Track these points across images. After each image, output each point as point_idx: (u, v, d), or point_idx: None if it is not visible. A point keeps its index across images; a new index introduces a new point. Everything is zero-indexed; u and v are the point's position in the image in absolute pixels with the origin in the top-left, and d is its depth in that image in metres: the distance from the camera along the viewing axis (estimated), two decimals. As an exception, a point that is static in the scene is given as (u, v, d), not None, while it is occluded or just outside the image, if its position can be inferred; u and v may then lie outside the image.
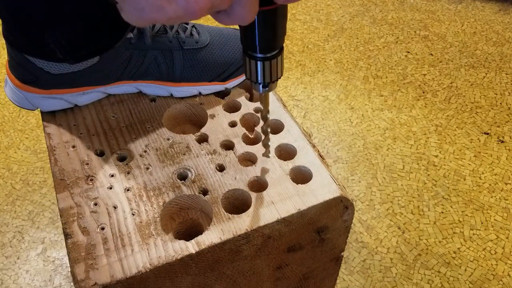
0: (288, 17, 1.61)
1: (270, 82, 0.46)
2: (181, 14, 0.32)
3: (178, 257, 0.49)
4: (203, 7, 0.32)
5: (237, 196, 0.57)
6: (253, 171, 0.58)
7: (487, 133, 1.26)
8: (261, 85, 0.47)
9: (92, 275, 0.47)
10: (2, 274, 0.96)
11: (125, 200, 0.54)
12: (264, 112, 0.53)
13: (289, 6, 1.72)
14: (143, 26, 0.32)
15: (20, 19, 0.55)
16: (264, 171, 0.58)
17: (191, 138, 0.62)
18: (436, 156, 1.20)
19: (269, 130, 0.55)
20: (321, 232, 0.59)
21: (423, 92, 1.39)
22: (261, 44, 0.43)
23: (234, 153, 0.60)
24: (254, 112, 0.66)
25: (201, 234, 0.51)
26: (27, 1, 0.53)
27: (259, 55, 0.44)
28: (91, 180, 0.57)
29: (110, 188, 0.56)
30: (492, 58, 1.52)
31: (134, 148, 0.61)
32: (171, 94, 0.68)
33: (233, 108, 0.68)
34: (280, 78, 0.47)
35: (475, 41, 1.59)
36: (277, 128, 0.64)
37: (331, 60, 1.52)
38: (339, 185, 0.57)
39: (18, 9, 0.54)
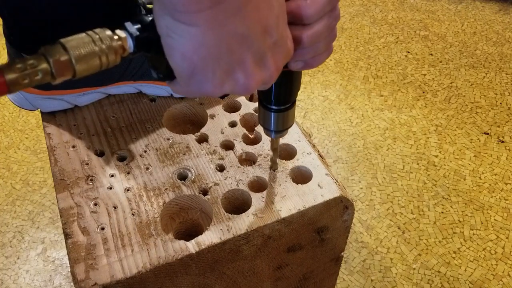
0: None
1: (282, 130, 0.50)
2: (237, 90, 0.35)
3: (178, 257, 0.49)
4: (258, 85, 0.35)
5: (237, 196, 0.57)
6: (253, 171, 0.58)
7: (487, 133, 1.26)
8: (273, 132, 0.50)
9: (92, 275, 0.47)
10: (2, 274, 0.96)
11: (125, 200, 0.54)
12: (274, 156, 0.57)
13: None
14: (189, 96, 0.36)
15: (21, 19, 0.55)
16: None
17: (191, 138, 0.62)
18: (436, 156, 1.20)
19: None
20: (321, 232, 0.59)
21: (423, 92, 1.39)
22: (276, 99, 0.46)
23: (234, 153, 0.61)
24: (254, 112, 0.66)
25: (201, 234, 0.51)
26: (29, 1, 0.53)
27: (274, 107, 0.47)
28: (91, 180, 0.57)
29: (110, 188, 0.56)
30: (492, 58, 1.52)
31: (134, 148, 0.61)
32: (171, 94, 0.68)
33: (233, 108, 0.68)
34: (291, 126, 0.51)
35: (475, 41, 1.59)
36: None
37: (331, 60, 1.52)
38: (339, 185, 0.57)
39: (20, 10, 0.54)
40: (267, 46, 0.33)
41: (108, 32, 0.32)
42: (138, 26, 0.33)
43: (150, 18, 0.33)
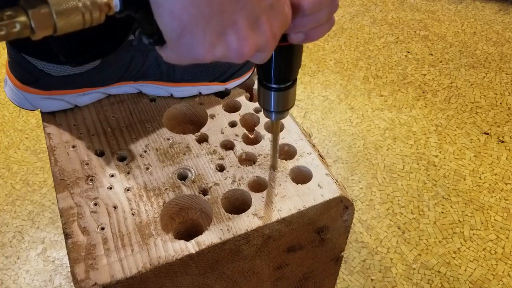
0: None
1: (283, 111, 0.48)
2: (229, 55, 0.33)
3: (178, 257, 0.49)
4: (251, 50, 0.33)
5: (237, 196, 0.57)
6: (253, 171, 0.58)
7: (487, 133, 1.26)
8: (273, 113, 0.49)
9: (92, 275, 0.47)
10: (2, 274, 0.96)
11: (125, 200, 0.54)
12: (275, 139, 0.55)
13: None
14: (181, 64, 0.34)
15: None
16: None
17: (191, 138, 0.62)
18: (436, 156, 1.20)
19: (277, 147, 0.57)
20: (321, 232, 0.59)
21: (423, 92, 1.39)
22: (276, 77, 0.45)
23: (234, 153, 0.61)
24: (254, 112, 0.66)
25: (201, 234, 0.51)
26: None
27: (274, 86, 0.46)
28: (91, 180, 0.57)
29: (110, 188, 0.56)
30: (492, 58, 1.52)
31: (134, 148, 0.61)
32: (171, 94, 0.68)
33: (233, 108, 0.68)
34: (292, 107, 0.49)
35: (475, 41, 1.59)
36: (277, 128, 0.64)
37: (331, 60, 1.52)
38: (339, 185, 0.57)
39: None
40: (262, 8, 0.32)
41: None
42: None
43: None
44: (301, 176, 0.59)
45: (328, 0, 0.36)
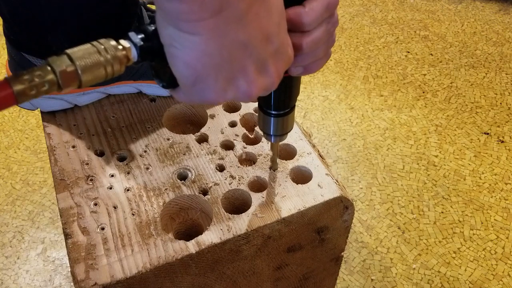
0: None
1: (281, 134, 0.50)
2: (239, 97, 0.35)
3: (178, 257, 0.49)
4: (259, 91, 0.35)
5: (237, 196, 0.57)
6: (253, 171, 0.58)
7: (487, 133, 1.26)
8: (273, 137, 0.51)
9: (92, 275, 0.47)
10: (2, 274, 0.96)
11: (125, 200, 0.54)
12: (274, 157, 0.57)
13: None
14: (192, 104, 0.37)
15: (23, 20, 0.55)
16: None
17: (191, 138, 0.62)
18: (436, 156, 1.20)
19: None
20: (321, 232, 0.59)
21: (423, 92, 1.39)
22: (276, 104, 0.47)
23: (234, 153, 0.60)
24: (254, 112, 0.66)
25: (201, 234, 0.51)
26: (31, 3, 0.53)
27: (273, 112, 0.48)
28: (91, 180, 0.57)
29: (110, 188, 0.56)
30: (492, 58, 1.52)
31: (134, 148, 0.61)
32: (171, 94, 0.67)
33: (233, 108, 0.68)
34: (290, 131, 0.51)
35: (475, 41, 1.59)
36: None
37: (331, 60, 1.52)
38: (339, 185, 0.57)
39: (22, 11, 0.54)
40: (268, 53, 0.34)
41: (113, 42, 0.32)
42: (142, 36, 0.33)
43: (153, 28, 0.33)
44: (301, 176, 0.59)
45: (326, 37, 0.39)
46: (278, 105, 0.47)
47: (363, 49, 1.56)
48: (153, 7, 0.61)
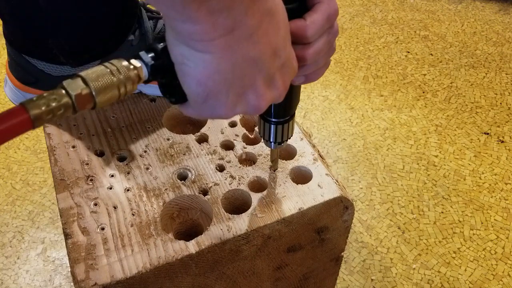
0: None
1: (281, 141, 0.51)
2: (248, 110, 0.36)
3: (178, 257, 0.49)
4: (268, 104, 0.36)
5: (237, 196, 0.57)
6: (253, 171, 0.58)
7: (487, 133, 1.26)
8: (272, 143, 0.51)
9: (92, 275, 0.47)
10: (2, 274, 0.96)
11: (125, 200, 0.54)
12: (274, 163, 0.58)
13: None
14: (200, 119, 0.37)
15: (23, 23, 0.55)
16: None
17: (191, 138, 0.62)
18: (436, 156, 1.20)
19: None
20: (321, 232, 0.59)
21: (423, 92, 1.39)
22: (276, 112, 0.48)
23: (234, 153, 0.61)
24: (254, 112, 0.66)
25: (201, 234, 0.51)
26: (31, 6, 0.53)
27: (273, 120, 0.49)
28: (91, 180, 0.57)
29: (110, 188, 0.56)
30: (492, 58, 1.52)
31: (134, 148, 0.61)
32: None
33: (233, 108, 0.68)
34: (291, 137, 0.52)
35: (475, 41, 1.59)
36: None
37: (331, 60, 1.52)
38: (339, 185, 0.57)
39: (22, 14, 0.54)
40: (276, 67, 0.35)
41: (125, 63, 0.32)
42: (152, 54, 0.34)
43: (163, 46, 0.34)
44: (301, 176, 0.59)
45: (327, 47, 0.40)
46: (279, 113, 0.48)
47: (363, 49, 1.56)
48: (153, 7, 0.61)
